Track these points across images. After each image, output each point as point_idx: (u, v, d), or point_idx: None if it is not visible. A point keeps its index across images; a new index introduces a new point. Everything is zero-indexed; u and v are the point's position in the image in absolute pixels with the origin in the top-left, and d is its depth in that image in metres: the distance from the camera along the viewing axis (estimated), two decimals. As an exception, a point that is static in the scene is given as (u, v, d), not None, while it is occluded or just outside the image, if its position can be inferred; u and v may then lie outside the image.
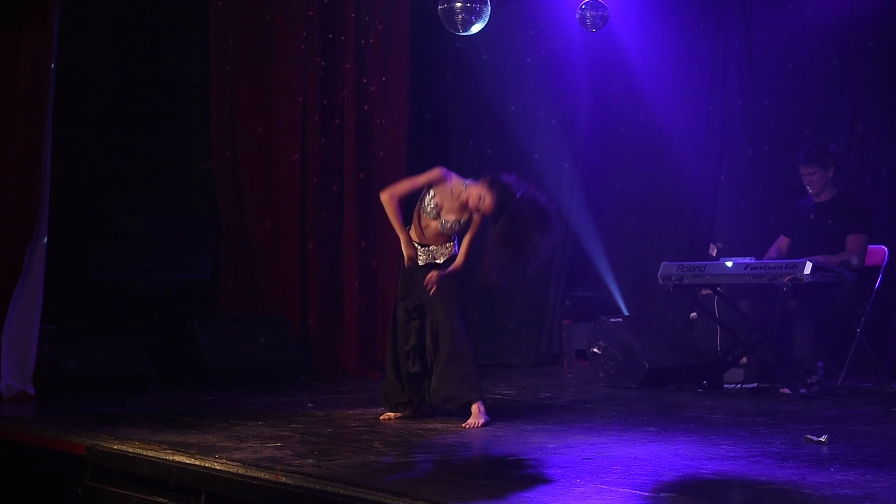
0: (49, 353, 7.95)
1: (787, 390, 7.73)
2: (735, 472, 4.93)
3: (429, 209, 6.51)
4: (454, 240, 6.59)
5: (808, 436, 5.70)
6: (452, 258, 6.55)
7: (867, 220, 8.21)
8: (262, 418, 6.64)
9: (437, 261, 6.55)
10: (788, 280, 7.57)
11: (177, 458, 5.29)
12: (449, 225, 6.51)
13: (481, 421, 6.35)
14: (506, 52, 10.43)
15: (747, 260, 7.99)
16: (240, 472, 4.95)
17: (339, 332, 9.51)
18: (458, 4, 7.84)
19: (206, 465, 5.12)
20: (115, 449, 5.62)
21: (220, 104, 9.27)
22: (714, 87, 9.98)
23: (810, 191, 8.31)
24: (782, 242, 8.49)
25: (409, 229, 6.56)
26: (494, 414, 6.69)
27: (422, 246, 6.55)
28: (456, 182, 6.46)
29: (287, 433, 6.05)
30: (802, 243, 8.27)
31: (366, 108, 9.67)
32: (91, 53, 9.12)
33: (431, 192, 6.49)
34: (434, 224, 6.53)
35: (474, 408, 6.43)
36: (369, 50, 9.70)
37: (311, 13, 9.45)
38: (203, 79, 9.30)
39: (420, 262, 6.55)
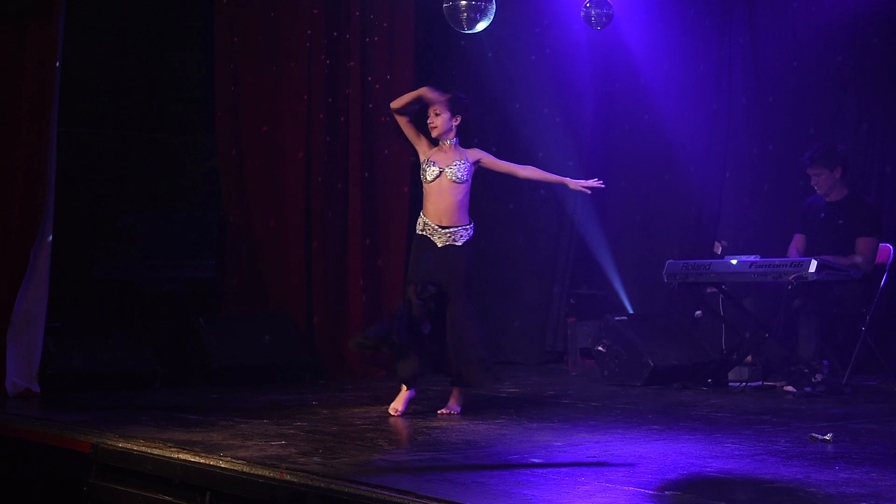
0: (54, 350, 7.96)
1: (791, 389, 7.73)
2: (740, 470, 4.93)
3: (429, 175, 6.79)
4: (470, 221, 6.79)
5: (814, 434, 5.70)
6: (459, 249, 6.73)
7: (878, 223, 8.20)
8: (267, 416, 6.65)
9: (457, 243, 6.76)
10: (793, 278, 7.56)
11: (182, 456, 5.30)
12: (456, 169, 6.74)
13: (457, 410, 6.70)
14: (511, 50, 10.42)
15: (752, 258, 7.99)
16: (245, 470, 4.95)
17: (345, 330, 9.50)
18: (464, 2, 7.82)
19: (211, 463, 5.13)
20: (120, 447, 5.62)
21: (225, 102, 9.27)
22: (719, 86, 9.97)
23: (819, 192, 8.32)
24: (799, 241, 8.45)
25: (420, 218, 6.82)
26: (499, 412, 6.72)
27: (442, 228, 6.75)
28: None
29: (292, 431, 6.05)
30: (812, 241, 8.26)
31: (370, 105, 9.66)
32: (96, 52, 9.13)
33: (426, 160, 6.85)
34: (444, 184, 6.76)
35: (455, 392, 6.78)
36: (374, 48, 9.70)
37: (316, 11, 9.45)
38: (208, 77, 9.31)
39: (439, 245, 6.74)
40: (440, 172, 6.76)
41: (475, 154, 6.89)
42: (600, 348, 8.61)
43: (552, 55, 10.50)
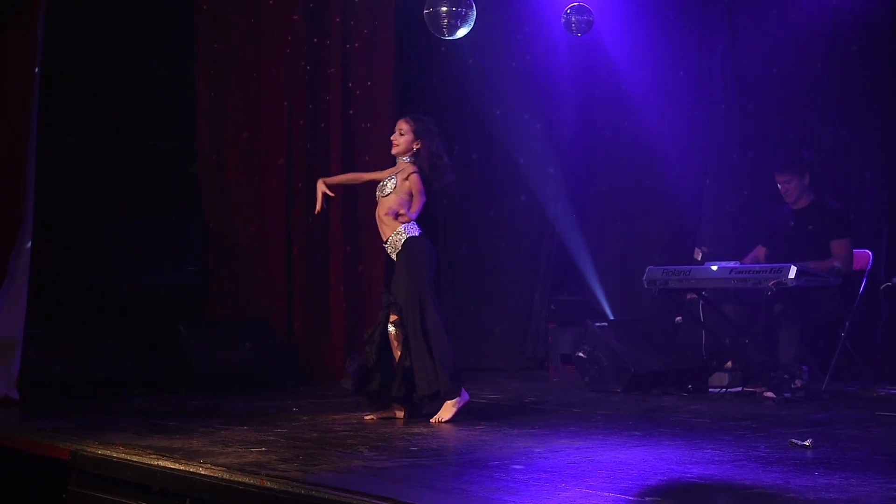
0: (34, 357, 7.92)
1: (771, 394, 7.74)
2: (720, 476, 4.94)
3: (378, 192, 6.95)
4: (404, 228, 6.82)
5: (793, 440, 5.72)
6: (402, 253, 6.81)
7: (848, 223, 8.24)
8: (248, 423, 6.63)
9: (392, 256, 6.90)
10: (773, 284, 7.58)
11: (161, 462, 5.29)
12: (386, 188, 6.86)
13: (445, 417, 6.63)
14: (491, 57, 10.43)
15: (732, 264, 8.01)
16: (224, 476, 4.94)
17: (325, 336, 9.50)
18: (444, 9, 7.82)
19: (191, 469, 5.12)
20: (100, 454, 5.60)
21: (206, 108, 9.26)
22: (699, 92, 10.01)
23: (787, 199, 8.36)
24: (759, 252, 8.51)
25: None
26: (480, 418, 6.71)
27: (384, 243, 6.93)
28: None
29: (272, 438, 6.04)
30: (784, 252, 8.27)
31: (351, 112, 9.66)
32: (77, 57, 9.11)
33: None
34: (380, 201, 6.90)
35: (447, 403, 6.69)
36: (355, 54, 9.70)
37: (297, 17, 9.44)
38: (189, 83, 9.29)
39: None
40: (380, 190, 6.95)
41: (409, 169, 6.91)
42: (581, 354, 8.62)
43: (533, 62, 10.51)
